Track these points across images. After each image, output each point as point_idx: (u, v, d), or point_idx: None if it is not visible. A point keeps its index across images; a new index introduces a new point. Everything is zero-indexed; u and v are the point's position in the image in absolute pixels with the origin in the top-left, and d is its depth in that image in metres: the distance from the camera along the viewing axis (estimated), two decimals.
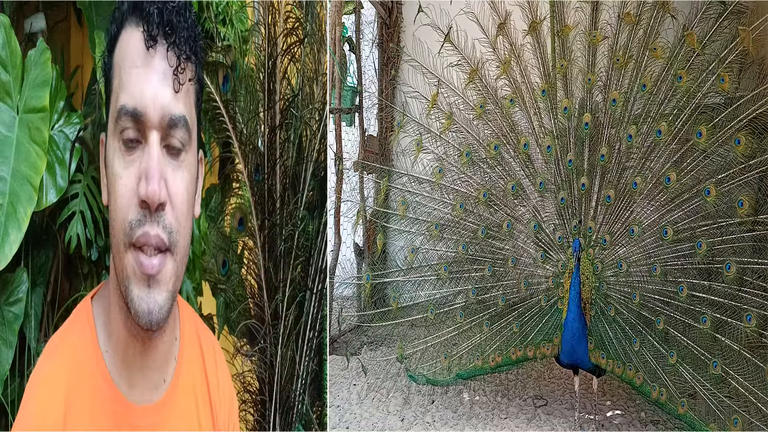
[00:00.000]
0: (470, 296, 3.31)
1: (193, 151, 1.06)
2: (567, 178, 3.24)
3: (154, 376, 1.09)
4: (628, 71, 3.07)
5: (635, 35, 3.05)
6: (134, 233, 0.97)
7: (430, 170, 3.42)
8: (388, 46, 5.08)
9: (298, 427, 2.22)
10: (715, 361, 2.65)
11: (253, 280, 2.26)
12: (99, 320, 1.08)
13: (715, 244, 2.74)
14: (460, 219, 3.34)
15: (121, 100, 0.98)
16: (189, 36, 1.01)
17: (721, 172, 2.71)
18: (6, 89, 1.86)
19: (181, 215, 1.01)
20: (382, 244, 3.65)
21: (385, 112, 3.58)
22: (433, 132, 3.43)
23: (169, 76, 0.99)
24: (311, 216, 2.27)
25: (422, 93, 3.45)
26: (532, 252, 3.30)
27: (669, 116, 2.89)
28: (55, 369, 1.05)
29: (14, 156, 1.84)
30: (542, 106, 3.31)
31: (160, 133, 0.98)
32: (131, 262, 0.98)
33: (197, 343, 1.22)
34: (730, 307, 2.66)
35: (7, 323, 1.96)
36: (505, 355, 3.19)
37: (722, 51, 2.73)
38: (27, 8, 2.15)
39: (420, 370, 3.37)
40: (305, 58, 2.28)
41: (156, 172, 0.96)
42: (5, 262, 1.77)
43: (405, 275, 3.48)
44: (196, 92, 1.07)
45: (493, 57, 3.40)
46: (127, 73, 0.99)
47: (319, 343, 2.26)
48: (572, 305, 2.95)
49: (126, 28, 1.01)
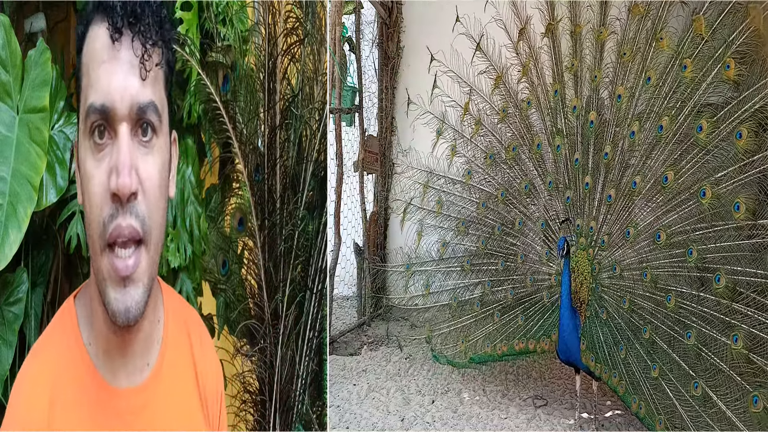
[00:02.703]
0: (486, 288, 3.53)
1: (164, 133, 1.06)
2: (573, 177, 3.28)
3: (137, 362, 1.11)
4: (635, 65, 3.07)
5: (643, 26, 3.04)
6: (107, 230, 0.98)
7: (461, 172, 3.74)
8: (388, 46, 5.09)
9: (298, 427, 2.22)
10: (696, 382, 2.52)
11: (253, 280, 2.25)
12: (82, 316, 1.11)
13: (708, 251, 2.61)
14: (483, 216, 3.58)
15: (89, 98, 1.00)
16: (154, 21, 1.02)
17: (719, 171, 2.61)
18: (6, 89, 1.86)
19: (154, 199, 1.02)
20: (420, 238, 3.93)
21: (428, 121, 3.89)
22: (465, 137, 3.72)
23: (136, 65, 1.00)
24: (311, 216, 2.27)
25: (458, 102, 3.77)
26: (539, 249, 3.39)
27: (672, 110, 2.85)
28: (38, 368, 1.08)
29: (14, 156, 1.83)
30: (554, 106, 3.40)
31: (129, 124, 1.00)
32: (107, 266, 1.00)
33: (182, 322, 1.24)
34: (720, 322, 2.52)
35: (7, 323, 1.96)
36: (510, 346, 3.32)
37: (731, 34, 2.62)
38: (27, 8, 2.15)
39: (443, 351, 3.62)
40: (305, 58, 2.28)
41: (126, 164, 0.97)
42: (5, 262, 1.77)
43: (437, 265, 3.77)
44: (165, 75, 1.07)
45: (516, 62, 3.59)
46: (94, 70, 1.00)
47: (319, 343, 2.26)
48: (563, 304, 2.98)
49: (92, 26, 1.02)
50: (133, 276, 1.00)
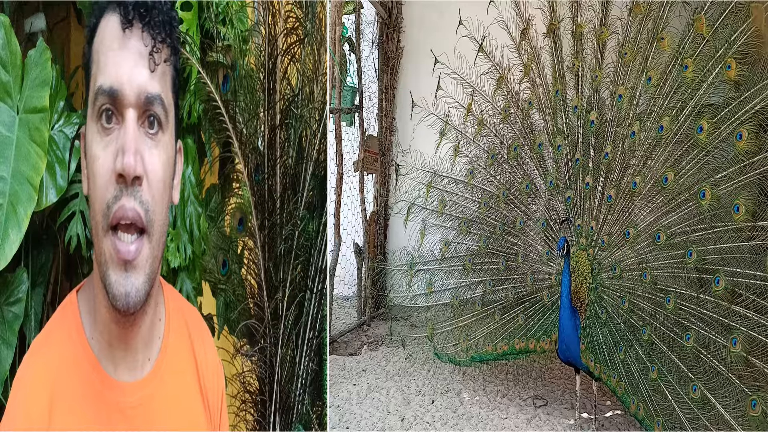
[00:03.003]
0: (487, 287, 3.56)
1: (170, 132, 1.08)
2: (574, 176, 3.28)
3: (138, 357, 1.12)
4: (635, 65, 3.07)
5: (644, 26, 3.04)
6: (111, 211, 0.99)
7: (463, 172, 3.77)
8: (388, 46, 5.09)
9: (298, 427, 2.22)
10: (695, 385, 2.52)
11: (253, 280, 2.25)
12: (84, 309, 1.12)
13: (707, 253, 2.60)
14: (485, 216, 3.61)
15: (98, 81, 1.01)
16: (164, 20, 1.05)
17: (719, 172, 2.59)
18: (6, 89, 1.86)
19: (157, 193, 1.03)
20: (423, 237, 3.97)
21: (433, 123, 3.94)
22: (468, 137, 3.75)
23: (145, 57, 1.02)
24: (311, 216, 2.27)
25: (461, 103, 3.80)
26: (539, 249, 3.40)
27: (673, 110, 2.84)
28: (39, 366, 1.09)
29: (14, 156, 1.84)
30: (555, 106, 3.41)
31: (136, 111, 1.01)
32: (109, 248, 1.01)
33: (183, 321, 1.25)
34: (719, 324, 2.50)
35: (7, 323, 1.95)
36: (511, 345, 3.35)
37: (732, 34, 2.61)
38: (27, 8, 2.15)
39: (444, 350, 3.64)
40: (305, 58, 2.28)
41: (132, 145, 0.99)
42: (5, 262, 1.77)
43: (439, 264, 3.81)
44: (172, 76, 1.09)
45: (518, 62, 3.61)
46: (104, 56, 1.02)
47: (319, 343, 2.26)
48: (563, 303, 2.99)
49: (104, 16, 1.04)
50: (135, 262, 1.01)
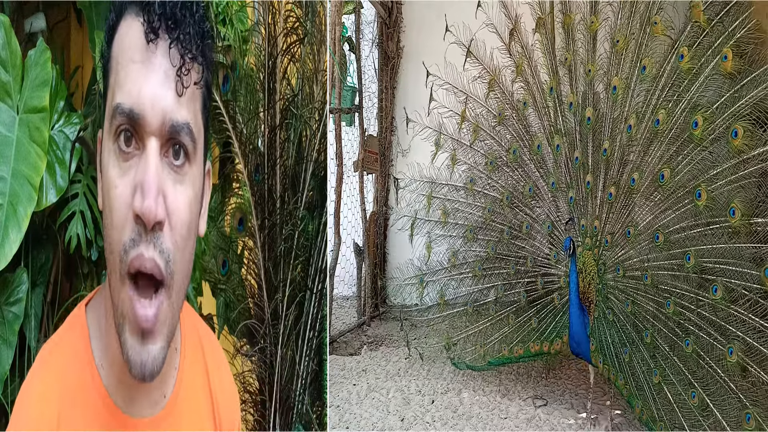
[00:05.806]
0: (499, 291, 3.56)
1: (198, 163, 0.94)
2: (575, 176, 3.27)
3: (153, 393, 1.03)
4: (629, 53, 3.03)
5: (636, 10, 2.99)
6: (128, 257, 0.88)
7: (463, 179, 3.73)
8: (388, 46, 5.09)
9: (298, 427, 2.22)
10: (694, 392, 2.51)
11: (253, 280, 2.26)
12: (93, 329, 1.01)
13: (704, 254, 2.58)
14: (490, 221, 3.58)
15: (117, 97, 0.88)
16: (195, 33, 0.90)
17: (715, 168, 2.55)
18: (6, 89, 1.86)
19: (180, 239, 0.91)
20: (430, 250, 3.93)
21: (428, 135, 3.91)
22: (465, 145, 3.70)
23: (172, 77, 0.88)
24: (311, 216, 2.27)
25: (455, 110, 3.73)
26: (547, 251, 3.39)
27: (668, 102, 2.82)
28: (47, 383, 0.99)
29: (14, 156, 1.84)
30: (550, 104, 3.38)
31: (159, 141, 0.88)
32: (127, 303, 0.89)
33: (199, 347, 1.17)
34: (717, 329, 2.48)
35: (7, 323, 1.96)
36: (526, 348, 3.37)
37: (732, 23, 2.56)
38: (27, 8, 2.15)
39: (462, 357, 3.63)
40: (305, 57, 2.28)
41: (153, 185, 0.86)
42: (5, 262, 1.77)
43: (449, 273, 3.77)
44: (203, 98, 0.95)
45: (509, 63, 3.56)
46: (124, 68, 0.89)
47: (319, 343, 2.26)
48: (571, 301, 3.00)
49: (125, 17, 0.91)
50: (154, 329, 0.90)
